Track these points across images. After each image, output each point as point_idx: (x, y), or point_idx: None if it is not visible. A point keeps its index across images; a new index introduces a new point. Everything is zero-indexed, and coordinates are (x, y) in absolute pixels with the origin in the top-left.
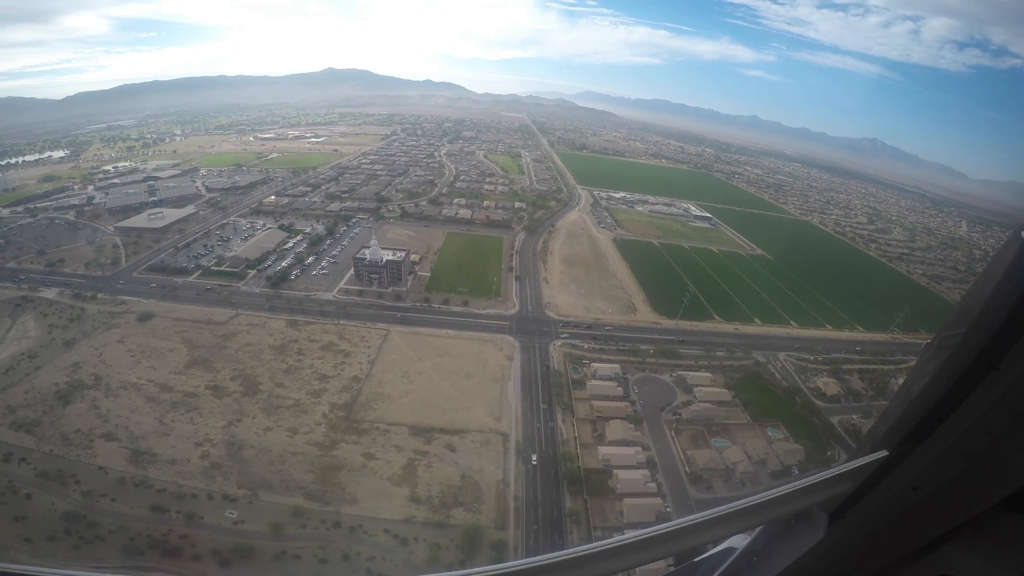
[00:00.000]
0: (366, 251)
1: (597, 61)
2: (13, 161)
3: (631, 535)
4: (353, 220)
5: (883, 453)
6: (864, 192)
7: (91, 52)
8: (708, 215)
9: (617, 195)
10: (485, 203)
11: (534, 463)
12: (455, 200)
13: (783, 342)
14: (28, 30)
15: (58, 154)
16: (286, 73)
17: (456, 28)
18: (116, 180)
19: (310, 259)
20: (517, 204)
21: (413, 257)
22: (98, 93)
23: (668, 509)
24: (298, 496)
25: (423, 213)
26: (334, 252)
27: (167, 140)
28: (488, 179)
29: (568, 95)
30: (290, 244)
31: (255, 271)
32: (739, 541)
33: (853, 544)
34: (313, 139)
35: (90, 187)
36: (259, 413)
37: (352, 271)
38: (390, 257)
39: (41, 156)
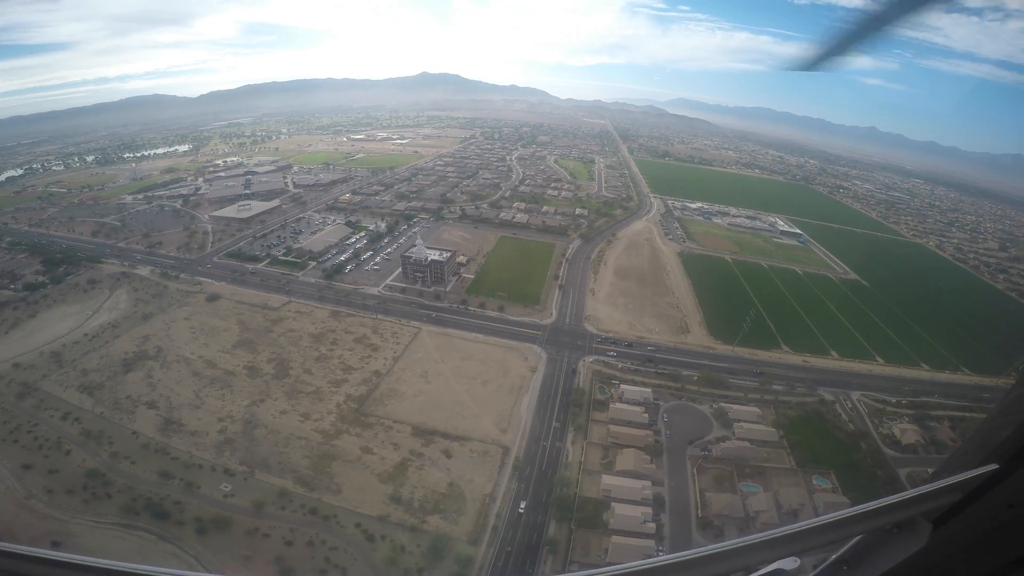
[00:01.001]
0: (414, 250)
1: (692, 67)
2: (147, 153)
3: (709, 547)
4: (415, 219)
5: (993, 466)
6: (999, 214)
7: (222, 54)
8: (798, 231)
9: (693, 205)
10: (544, 208)
11: (521, 511)
12: (515, 204)
13: (861, 380)
14: (170, 32)
15: (183, 148)
16: (384, 77)
17: (542, 35)
18: (221, 173)
19: (366, 255)
20: (578, 211)
21: (460, 259)
22: (225, 92)
23: (660, 551)
24: (289, 479)
25: (481, 215)
26: (389, 250)
27: (273, 138)
28: (553, 184)
29: (658, 102)
30: (352, 240)
31: (315, 263)
32: (789, 563)
33: (955, 552)
34: (398, 140)
35: (200, 179)
36: (281, 396)
37: (400, 269)
38: (435, 257)
39: (169, 149)
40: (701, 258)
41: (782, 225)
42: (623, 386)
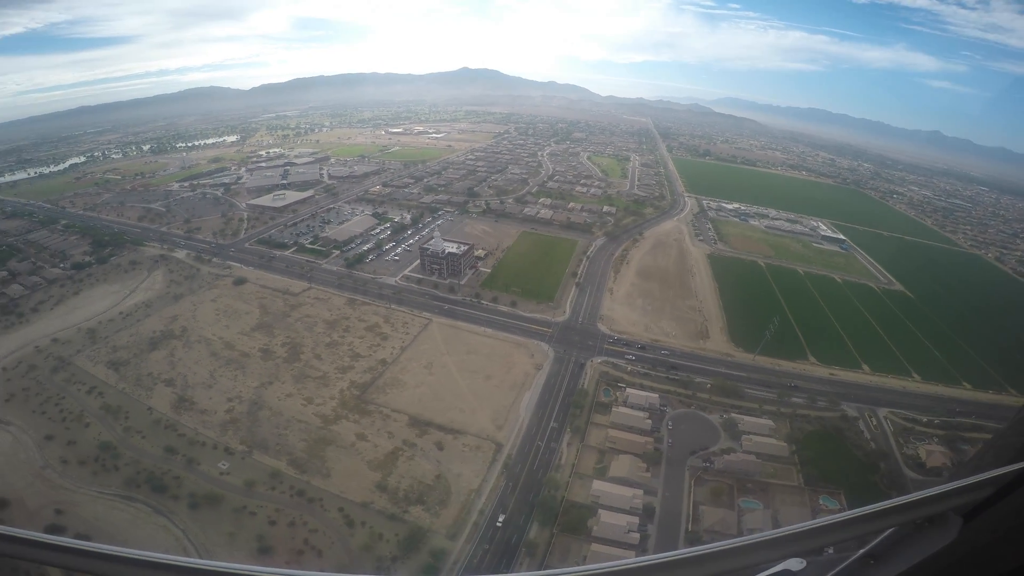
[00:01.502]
0: (431, 242)
1: (742, 66)
2: (198, 143)
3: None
4: (440, 212)
5: None
6: None
7: (274, 48)
8: (841, 237)
9: (729, 206)
10: (571, 204)
11: (499, 524)
12: (540, 200)
13: (893, 396)
14: (226, 26)
15: (231, 139)
16: (425, 72)
17: (585, 32)
18: (263, 163)
19: (388, 245)
20: (606, 208)
21: (479, 252)
22: (276, 85)
23: None
24: (283, 460)
25: (505, 210)
26: (410, 241)
27: (316, 130)
28: (583, 181)
29: (705, 100)
30: (377, 230)
31: (339, 252)
32: (796, 564)
33: (985, 546)
34: (434, 135)
35: (243, 169)
36: (289, 379)
37: (419, 260)
38: (452, 250)
39: (218, 140)
40: (731, 261)
41: (824, 230)
42: (629, 390)
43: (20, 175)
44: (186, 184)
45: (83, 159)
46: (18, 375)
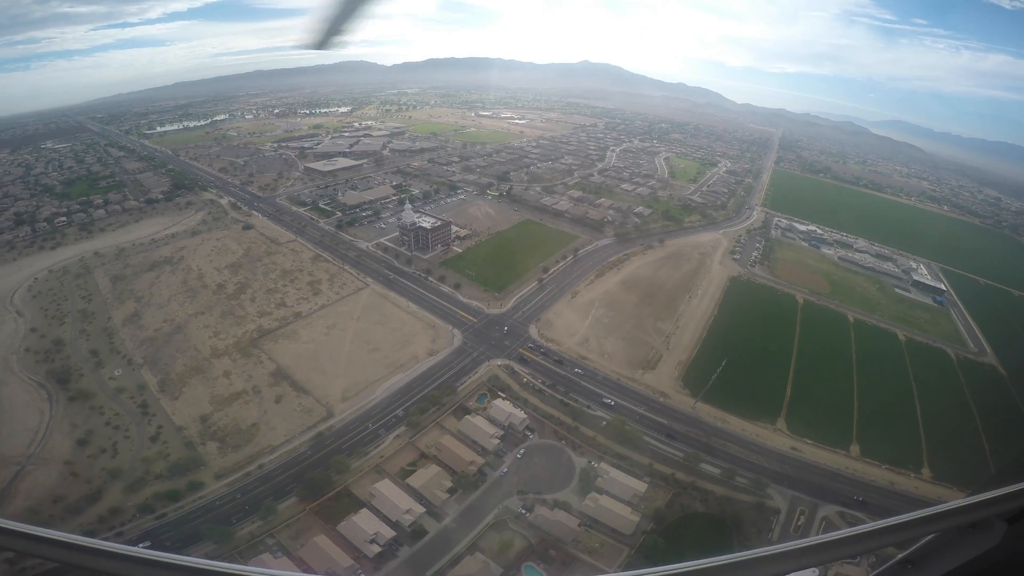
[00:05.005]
0: (403, 214)
1: (921, 87)
2: (317, 111)
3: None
4: (459, 190)
5: None
6: None
7: (420, 28)
8: (941, 287)
9: (803, 227)
10: (601, 200)
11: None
12: (570, 191)
13: (864, 491)
14: (380, 4)
15: (344, 109)
16: (547, 62)
17: (728, 35)
18: (346, 133)
19: (385, 214)
20: (638, 208)
21: (459, 231)
22: (412, 64)
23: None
24: (157, 378)
25: (520, 197)
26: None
27: (418, 108)
28: (637, 179)
29: (863, 119)
30: (389, 200)
31: (340, 214)
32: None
33: None
34: (517, 120)
35: (328, 136)
36: (218, 313)
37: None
38: (423, 224)
39: (333, 109)
40: (759, 289)
41: (922, 274)
42: (494, 401)
43: (171, 127)
44: (275, 145)
45: (225, 117)
46: (54, 277)
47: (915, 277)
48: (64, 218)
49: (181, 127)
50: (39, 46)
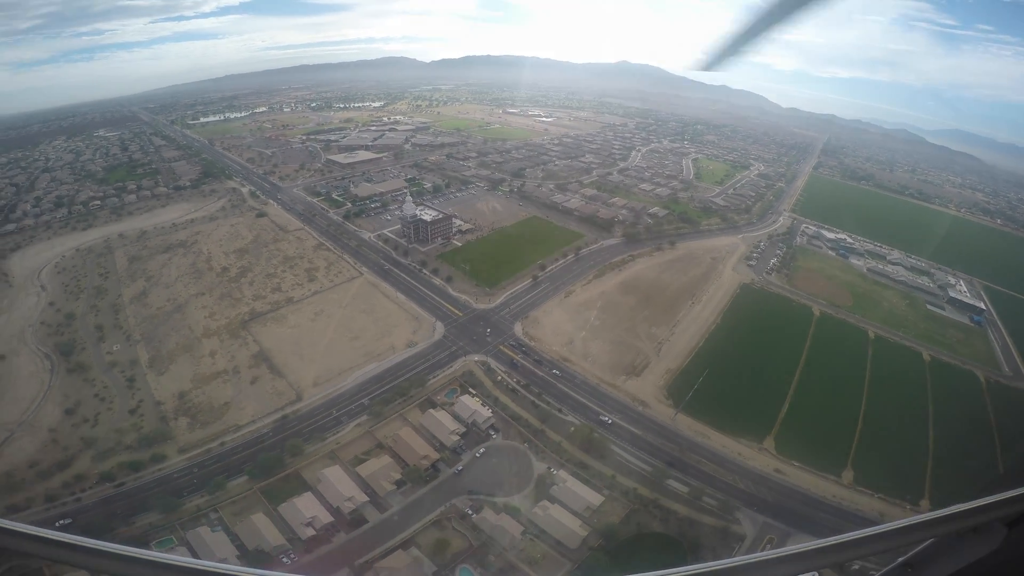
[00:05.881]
0: (404, 206)
1: (984, 95)
2: (351, 105)
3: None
4: (471, 185)
5: None
6: None
7: (459, 25)
8: (980, 306)
9: (831, 235)
10: (615, 199)
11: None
12: (583, 190)
13: (850, 523)
14: (423, 1)
15: (376, 104)
16: (583, 62)
17: (779, 39)
18: (373, 127)
19: (393, 206)
20: (654, 210)
21: (461, 225)
22: (450, 60)
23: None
24: (149, 354)
25: (530, 193)
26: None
27: (449, 103)
28: (658, 179)
29: (919, 128)
30: (399, 193)
31: (350, 205)
32: None
33: None
34: (544, 118)
35: (355, 130)
36: (217, 295)
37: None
38: (423, 217)
39: (364, 104)
40: (771, 298)
41: (960, 291)
42: (461, 398)
43: (213, 118)
44: (304, 138)
45: (264, 109)
46: (80, 255)
47: (951, 294)
48: (99, 202)
49: (222, 118)
50: (102, 38)
